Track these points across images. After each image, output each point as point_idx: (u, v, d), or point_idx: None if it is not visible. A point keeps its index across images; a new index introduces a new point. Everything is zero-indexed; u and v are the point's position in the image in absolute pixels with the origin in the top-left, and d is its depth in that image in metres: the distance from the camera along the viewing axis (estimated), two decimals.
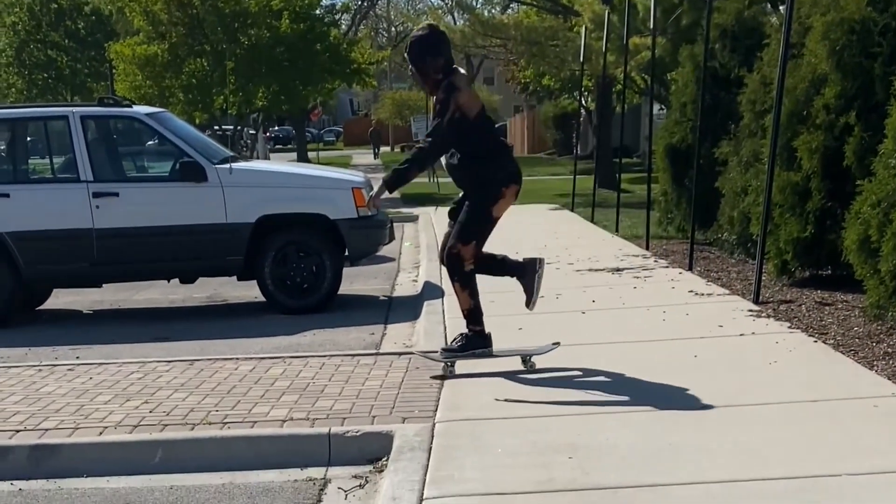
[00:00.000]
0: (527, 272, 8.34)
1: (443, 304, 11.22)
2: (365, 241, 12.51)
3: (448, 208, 8.48)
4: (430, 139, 8.06)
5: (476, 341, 8.22)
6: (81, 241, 12.01)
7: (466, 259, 8.06)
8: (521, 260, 8.47)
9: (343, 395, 7.67)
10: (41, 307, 13.28)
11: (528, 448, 6.15)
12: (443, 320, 10.34)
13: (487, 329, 8.22)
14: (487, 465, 5.91)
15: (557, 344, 8.34)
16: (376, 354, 9.19)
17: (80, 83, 54.45)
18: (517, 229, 19.30)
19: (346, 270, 12.54)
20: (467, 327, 8.26)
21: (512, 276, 8.43)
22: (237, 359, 9.14)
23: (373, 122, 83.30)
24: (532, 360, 8.17)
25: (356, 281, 13.98)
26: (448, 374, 8.06)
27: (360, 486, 6.19)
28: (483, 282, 8.17)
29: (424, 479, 5.79)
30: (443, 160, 8.28)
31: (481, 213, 8.09)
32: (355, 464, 6.52)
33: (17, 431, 7.16)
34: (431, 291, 12.34)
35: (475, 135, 8.02)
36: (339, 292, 12.37)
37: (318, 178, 12.75)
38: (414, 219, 23.31)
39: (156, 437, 6.94)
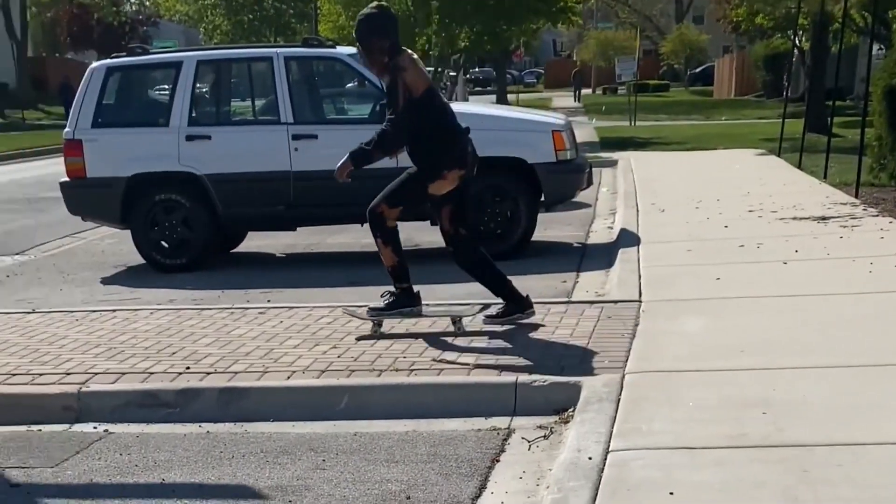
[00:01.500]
0: (517, 304, 8.43)
1: (638, 252, 11.11)
2: (562, 186, 12.46)
3: None
4: (390, 123, 8.10)
5: (403, 300, 8.43)
6: (279, 183, 12.29)
7: (389, 219, 8.37)
8: (520, 293, 8.48)
9: (532, 344, 7.69)
10: (235, 250, 13.67)
11: (720, 402, 6.06)
12: (637, 269, 10.24)
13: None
14: (677, 419, 5.85)
15: (487, 307, 8.51)
16: (567, 303, 9.17)
17: (284, 24, 55.43)
18: (721, 175, 18.97)
19: (540, 216, 12.51)
20: (394, 285, 8.40)
21: (498, 297, 8.52)
22: (428, 305, 9.21)
23: (576, 63, 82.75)
24: (462, 321, 8.30)
25: (550, 227, 13.94)
26: (375, 334, 8.20)
27: (544, 436, 6.21)
28: (678, 229, 8.06)
29: (611, 431, 5.77)
30: None
31: (416, 186, 8.33)
32: (541, 414, 6.53)
33: (208, 374, 7.40)
34: (627, 239, 12.23)
35: (421, 113, 8.07)
36: (533, 239, 12.37)
37: (517, 120, 12.74)
38: (612, 164, 23.08)
39: (342, 382, 7.08)
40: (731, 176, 18.26)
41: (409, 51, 8.29)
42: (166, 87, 13.63)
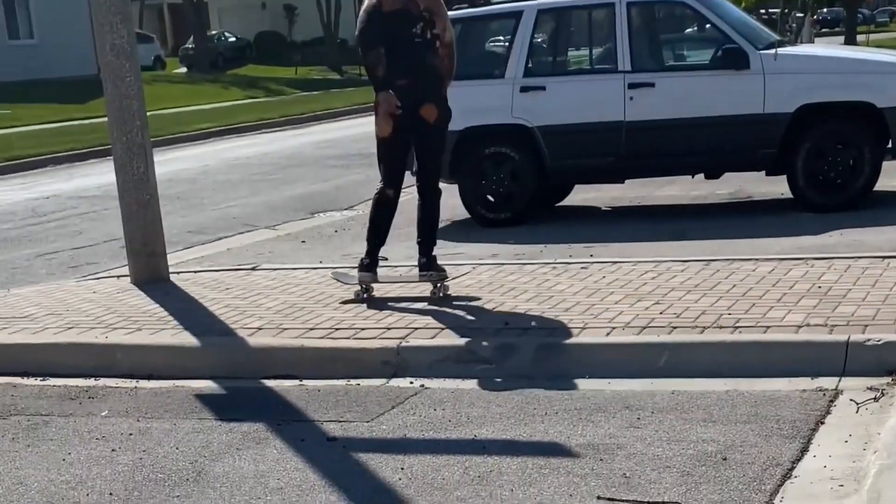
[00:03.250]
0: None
1: None
2: None
3: None
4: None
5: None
6: (610, 134, 12.32)
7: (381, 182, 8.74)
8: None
9: (867, 301, 7.44)
10: (560, 204, 13.78)
11: None
12: None
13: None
14: None
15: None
16: None
17: None
18: None
19: (884, 165, 12.02)
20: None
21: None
22: (756, 259, 9.07)
23: None
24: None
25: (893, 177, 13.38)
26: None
27: (874, 398, 6.02)
28: None
29: None
30: None
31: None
32: (871, 375, 6.33)
33: (527, 329, 7.53)
34: None
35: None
36: (875, 189, 11.91)
37: (867, 62, 12.31)
38: None
39: (663, 339, 7.06)
40: None
41: None
42: (501, 38, 13.89)
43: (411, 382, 7.08)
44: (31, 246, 13.72)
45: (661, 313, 7.60)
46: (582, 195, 14.04)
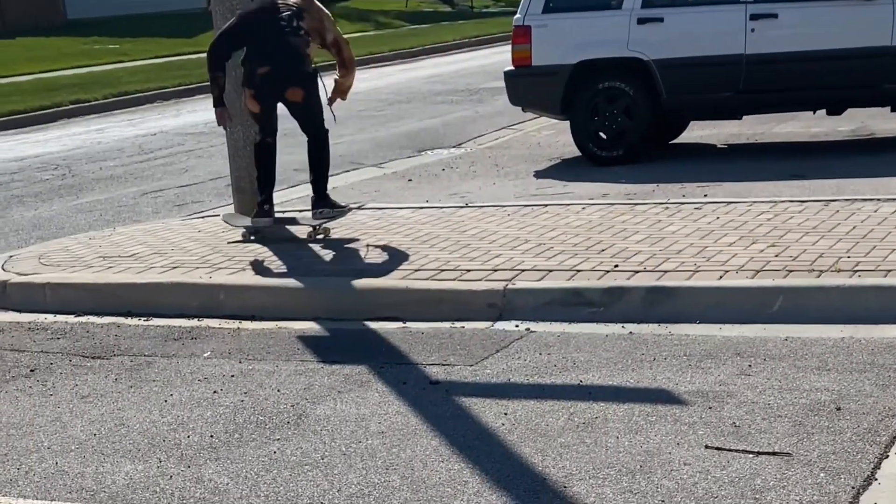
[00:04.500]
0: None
1: None
2: None
3: None
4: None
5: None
6: (730, 67, 12.11)
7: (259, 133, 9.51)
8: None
9: None
10: (674, 141, 13.63)
11: None
12: None
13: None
14: None
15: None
16: None
17: None
18: None
19: None
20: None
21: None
22: (878, 200, 8.91)
23: None
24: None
25: None
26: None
27: None
28: None
29: None
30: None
31: None
32: None
33: (636, 272, 7.47)
34: None
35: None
36: None
37: None
38: None
39: (777, 283, 6.97)
40: None
41: None
42: None
43: (517, 326, 7.09)
44: (137, 184, 13.93)
45: (776, 256, 7.50)
46: (697, 132, 13.87)
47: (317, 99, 9.41)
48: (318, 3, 9.51)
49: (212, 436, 5.68)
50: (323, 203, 9.42)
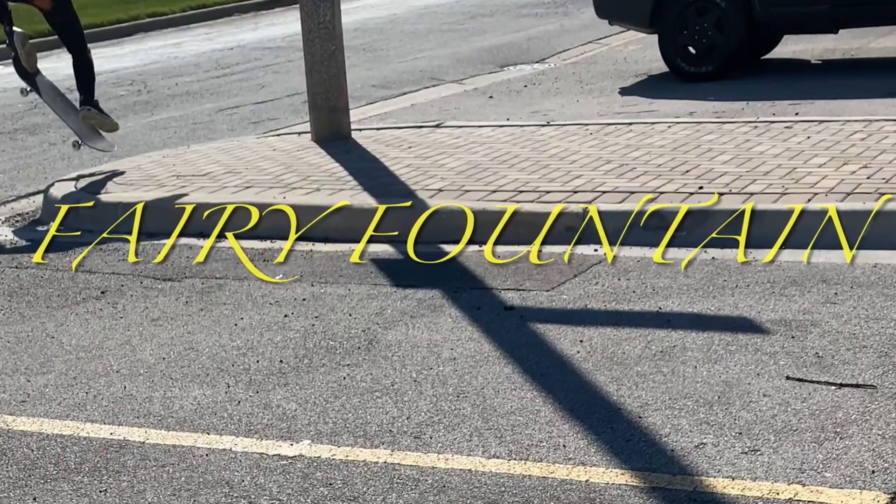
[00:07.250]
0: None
1: None
2: None
3: None
4: None
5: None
6: None
7: None
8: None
9: None
10: (766, 56, 13.42)
11: None
12: None
13: None
14: None
15: None
16: None
17: None
18: None
19: None
20: None
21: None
22: None
23: None
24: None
25: None
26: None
27: None
28: None
29: None
30: None
31: None
32: None
33: (721, 194, 7.39)
34: None
35: None
36: None
37: None
38: None
39: (868, 207, 6.85)
40: None
41: None
42: None
43: (595, 250, 7.05)
44: (212, 100, 14.02)
45: (868, 178, 7.39)
46: (791, 47, 13.65)
47: (70, 13, 10.06)
48: None
49: (281, 360, 5.74)
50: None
